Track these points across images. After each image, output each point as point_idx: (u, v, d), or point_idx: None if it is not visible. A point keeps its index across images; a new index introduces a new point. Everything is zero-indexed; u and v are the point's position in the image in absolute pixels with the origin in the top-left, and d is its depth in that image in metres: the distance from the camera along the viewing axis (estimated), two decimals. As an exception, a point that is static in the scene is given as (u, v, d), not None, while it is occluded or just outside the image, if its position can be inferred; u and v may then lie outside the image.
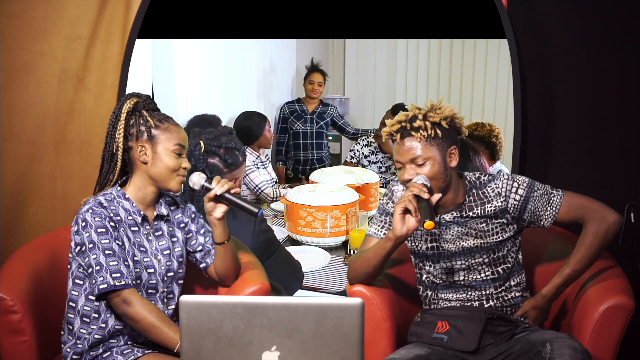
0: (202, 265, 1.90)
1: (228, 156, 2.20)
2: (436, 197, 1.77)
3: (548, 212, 1.85)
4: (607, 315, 1.79)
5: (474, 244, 1.86)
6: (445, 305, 1.90)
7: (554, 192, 1.86)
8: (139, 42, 2.51)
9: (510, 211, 1.85)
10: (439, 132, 1.79)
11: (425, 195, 1.72)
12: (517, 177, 1.87)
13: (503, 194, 1.85)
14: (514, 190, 1.85)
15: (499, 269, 1.87)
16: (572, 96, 2.32)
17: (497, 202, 1.85)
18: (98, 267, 1.64)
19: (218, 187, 1.74)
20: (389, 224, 1.94)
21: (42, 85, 2.49)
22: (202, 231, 1.90)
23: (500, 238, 1.87)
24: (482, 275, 1.88)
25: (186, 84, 3.64)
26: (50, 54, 2.47)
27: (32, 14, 2.45)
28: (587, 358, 1.60)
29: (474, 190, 1.88)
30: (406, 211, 1.72)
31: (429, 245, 1.91)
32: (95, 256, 1.65)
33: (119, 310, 1.68)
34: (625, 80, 2.22)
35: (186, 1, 2.56)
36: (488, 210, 1.86)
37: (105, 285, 1.64)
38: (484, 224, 1.86)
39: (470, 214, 1.86)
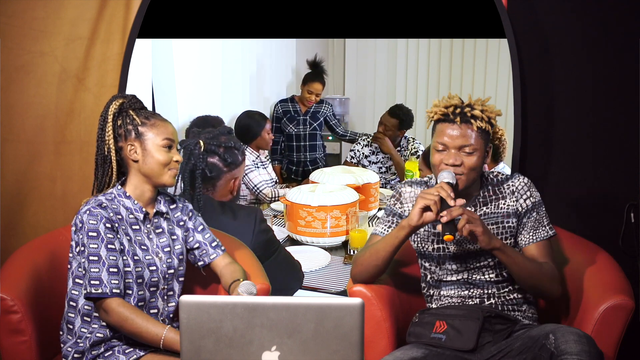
0: (200, 264, 1.91)
1: (227, 155, 2.20)
2: (460, 202, 1.74)
3: (527, 236, 1.87)
4: (607, 315, 1.79)
5: (478, 249, 1.85)
6: (447, 302, 1.90)
7: (547, 227, 1.88)
8: (139, 42, 2.51)
9: (518, 213, 1.87)
10: (489, 127, 1.80)
11: (452, 203, 1.71)
12: (533, 189, 1.89)
13: (517, 192, 1.88)
14: (527, 194, 1.88)
15: (504, 272, 1.87)
16: (572, 96, 2.32)
17: (511, 200, 1.87)
18: (84, 272, 1.67)
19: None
20: (396, 225, 1.94)
21: (42, 85, 2.49)
22: (199, 228, 1.90)
23: (507, 243, 1.87)
24: (486, 276, 1.88)
25: (186, 84, 3.64)
26: (50, 54, 2.47)
27: (32, 14, 2.45)
28: (591, 342, 1.60)
29: (489, 187, 1.90)
30: (427, 208, 1.74)
31: (435, 246, 1.91)
32: (83, 260, 1.67)
33: (100, 317, 1.70)
34: (625, 80, 2.22)
35: (186, 1, 2.56)
36: (502, 207, 1.87)
37: (85, 292, 1.66)
38: (494, 226, 1.87)
39: (485, 209, 1.87)
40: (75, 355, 1.73)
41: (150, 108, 1.98)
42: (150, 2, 2.44)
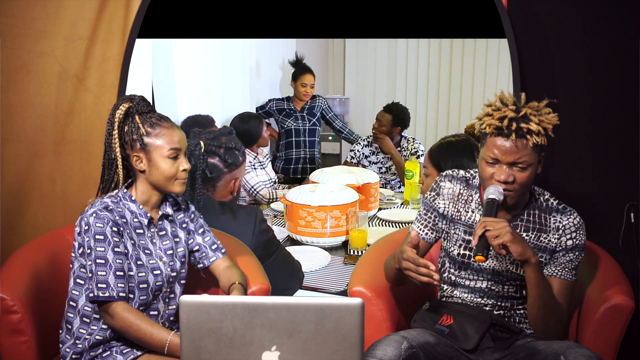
0: (199, 266, 1.90)
1: (228, 156, 2.20)
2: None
3: (553, 269, 1.77)
4: (607, 315, 1.79)
5: (505, 268, 1.80)
6: (457, 302, 1.89)
7: (574, 271, 1.78)
8: (139, 42, 2.51)
9: (555, 250, 1.77)
10: (545, 140, 1.66)
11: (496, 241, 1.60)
12: (581, 232, 1.77)
13: (561, 230, 1.77)
14: (572, 235, 1.76)
15: (524, 290, 1.80)
16: (572, 96, 2.32)
17: (553, 237, 1.77)
18: (90, 275, 1.66)
19: None
20: (433, 222, 1.90)
21: (42, 85, 2.49)
22: (200, 231, 1.90)
23: None
24: (504, 291, 1.84)
25: (186, 84, 3.64)
26: (50, 54, 2.47)
27: (32, 14, 2.45)
28: None
29: (536, 211, 1.79)
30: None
31: (462, 252, 1.85)
32: (90, 263, 1.66)
33: (104, 321, 1.70)
34: (625, 80, 2.22)
35: (186, 1, 2.56)
36: (542, 240, 1.78)
37: (91, 295, 1.65)
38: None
39: (524, 234, 1.77)
40: (74, 356, 1.73)
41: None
42: (150, 2, 2.44)
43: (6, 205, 2.46)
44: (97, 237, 1.65)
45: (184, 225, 1.88)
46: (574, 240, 1.76)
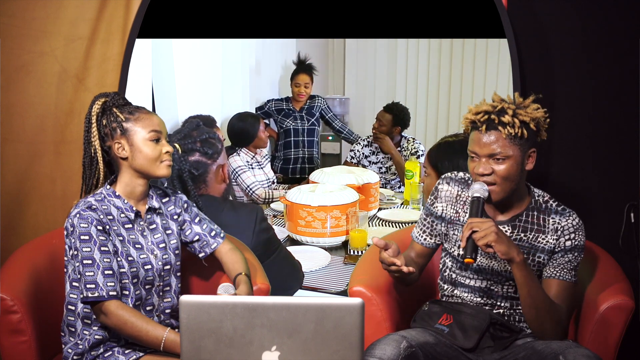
0: (201, 255, 1.90)
1: (206, 147, 2.18)
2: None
3: (552, 270, 1.77)
4: (607, 315, 1.79)
5: (504, 269, 1.81)
6: (457, 301, 1.89)
7: (573, 271, 1.77)
8: (139, 42, 2.51)
9: (553, 250, 1.77)
10: (525, 132, 1.68)
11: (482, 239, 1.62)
12: (580, 232, 1.77)
13: (559, 231, 1.76)
14: (570, 236, 1.76)
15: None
16: (572, 96, 2.32)
17: (551, 238, 1.77)
18: (79, 276, 1.65)
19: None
20: (431, 227, 1.92)
21: (42, 85, 2.49)
22: (196, 220, 1.89)
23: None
24: (504, 291, 1.84)
25: (186, 84, 3.64)
26: (50, 54, 2.47)
27: (32, 14, 2.45)
28: None
29: (535, 212, 1.79)
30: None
31: (461, 252, 1.82)
32: (78, 264, 1.65)
33: (99, 320, 1.69)
34: (625, 80, 2.22)
35: (186, 1, 2.56)
36: (540, 241, 1.78)
37: (82, 296, 1.65)
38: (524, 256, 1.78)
39: (522, 235, 1.78)
40: (75, 357, 1.72)
41: (150, 108, 1.97)
42: (150, 2, 2.44)
43: (6, 205, 2.47)
44: (82, 237, 1.64)
45: (175, 217, 1.87)
46: (573, 241, 1.77)
